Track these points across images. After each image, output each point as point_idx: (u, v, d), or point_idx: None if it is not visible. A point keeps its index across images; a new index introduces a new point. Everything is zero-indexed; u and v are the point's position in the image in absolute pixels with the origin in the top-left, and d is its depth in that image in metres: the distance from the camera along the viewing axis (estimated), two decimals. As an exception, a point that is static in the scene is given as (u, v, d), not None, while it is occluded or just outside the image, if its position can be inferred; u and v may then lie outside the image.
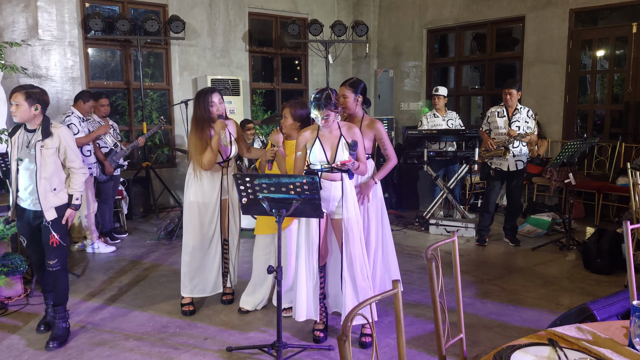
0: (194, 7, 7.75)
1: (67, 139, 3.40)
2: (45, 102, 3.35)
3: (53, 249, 3.39)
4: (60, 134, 3.35)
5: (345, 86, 3.67)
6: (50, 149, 3.32)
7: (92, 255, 5.42)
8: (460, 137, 6.37)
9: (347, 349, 1.40)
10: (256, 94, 8.69)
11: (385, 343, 3.37)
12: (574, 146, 5.30)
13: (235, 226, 4.04)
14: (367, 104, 3.75)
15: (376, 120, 3.67)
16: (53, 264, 3.40)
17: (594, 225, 6.33)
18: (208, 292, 3.96)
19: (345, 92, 3.63)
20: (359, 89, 3.65)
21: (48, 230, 3.35)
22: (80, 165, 3.47)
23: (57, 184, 3.39)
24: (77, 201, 3.45)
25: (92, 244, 5.50)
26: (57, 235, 3.37)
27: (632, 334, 1.67)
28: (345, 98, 3.61)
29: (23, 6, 6.40)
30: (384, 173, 3.67)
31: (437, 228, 6.22)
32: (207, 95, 3.72)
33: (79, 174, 3.46)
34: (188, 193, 3.85)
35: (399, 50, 9.03)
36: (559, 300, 4.12)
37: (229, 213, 3.97)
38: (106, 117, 5.94)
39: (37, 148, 3.28)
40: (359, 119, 3.67)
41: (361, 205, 3.53)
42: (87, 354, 3.27)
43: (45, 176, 3.31)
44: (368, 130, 3.62)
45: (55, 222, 3.37)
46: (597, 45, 7.06)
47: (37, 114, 3.29)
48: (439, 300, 1.95)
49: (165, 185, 7.34)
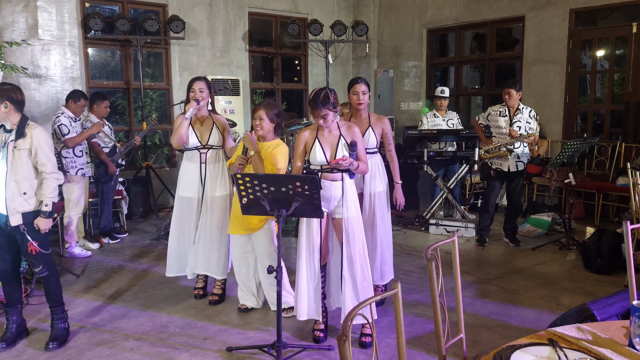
0: (194, 7, 7.75)
1: (40, 141, 3.20)
2: (16, 99, 3.18)
3: (35, 257, 3.27)
4: (34, 134, 3.18)
5: (362, 83, 3.87)
6: (22, 150, 3.16)
7: (91, 256, 5.41)
8: (460, 137, 6.36)
9: (347, 348, 1.40)
10: (256, 94, 8.69)
11: (385, 343, 3.37)
12: (574, 146, 5.30)
13: (211, 223, 4.02)
14: None
15: (384, 116, 3.99)
16: (39, 271, 3.31)
17: (594, 225, 6.32)
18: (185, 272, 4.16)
19: (364, 89, 3.85)
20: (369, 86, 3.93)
21: (25, 238, 3.21)
22: (52, 170, 3.25)
23: (28, 188, 3.20)
24: (47, 207, 3.22)
25: (70, 246, 5.34)
26: (36, 242, 3.23)
27: (632, 334, 1.67)
28: (364, 94, 3.84)
29: (23, 6, 6.40)
30: (398, 171, 3.99)
31: (437, 228, 6.22)
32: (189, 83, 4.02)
33: (51, 179, 3.24)
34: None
35: (399, 50, 9.03)
36: (559, 300, 4.11)
37: (205, 209, 4.01)
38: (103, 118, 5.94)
39: (9, 148, 3.15)
40: (366, 115, 3.90)
41: (399, 209, 4.00)
42: (86, 354, 3.26)
43: (15, 178, 3.15)
44: (378, 123, 3.87)
45: (32, 230, 3.22)
46: (597, 45, 7.05)
47: (7, 111, 3.15)
48: (439, 300, 1.95)
49: (165, 185, 7.34)
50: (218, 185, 4.03)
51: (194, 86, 3.95)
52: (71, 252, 5.33)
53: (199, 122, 4.01)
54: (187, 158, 4.05)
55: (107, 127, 5.92)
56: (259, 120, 3.59)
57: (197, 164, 4.00)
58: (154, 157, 7.94)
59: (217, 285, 4.15)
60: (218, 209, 4.02)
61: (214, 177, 4.02)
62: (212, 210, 4.02)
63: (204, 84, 3.98)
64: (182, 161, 4.11)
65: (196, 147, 3.98)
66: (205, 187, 4.00)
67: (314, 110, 3.17)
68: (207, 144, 3.98)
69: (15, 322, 3.42)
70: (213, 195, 4.01)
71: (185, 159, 4.07)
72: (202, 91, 3.94)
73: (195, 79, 4.03)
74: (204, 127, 4.00)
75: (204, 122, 4.01)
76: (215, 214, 4.02)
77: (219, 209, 4.03)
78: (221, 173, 4.05)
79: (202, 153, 3.99)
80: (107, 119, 6.14)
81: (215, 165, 4.03)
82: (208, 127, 4.00)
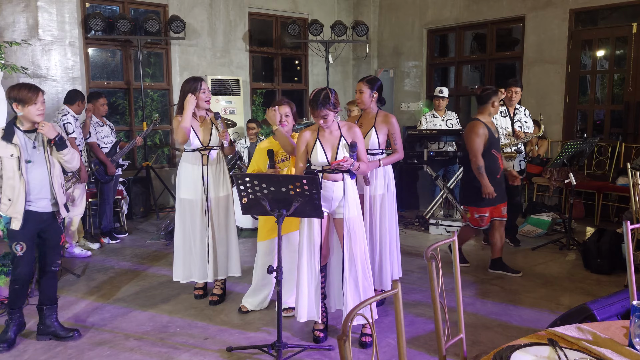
0: (194, 7, 7.76)
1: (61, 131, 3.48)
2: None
3: (59, 249, 3.47)
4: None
5: (362, 82, 3.84)
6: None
7: (91, 256, 5.42)
8: (460, 137, 6.36)
9: (347, 348, 1.40)
10: (256, 94, 8.70)
11: (385, 343, 3.38)
12: (574, 146, 5.30)
13: (219, 224, 4.03)
14: (382, 103, 3.92)
15: (391, 115, 3.86)
16: (56, 265, 3.47)
17: (594, 225, 6.32)
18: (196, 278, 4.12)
19: (362, 88, 3.81)
20: (375, 86, 3.83)
21: (60, 229, 3.43)
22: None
23: (62, 179, 3.47)
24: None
25: (70, 246, 5.33)
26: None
27: (632, 334, 1.68)
28: (362, 93, 3.80)
29: (23, 6, 6.40)
30: (390, 161, 3.82)
31: (437, 228, 6.22)
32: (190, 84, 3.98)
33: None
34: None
35: (399, 50, 9.03)
36: (559, 300, 4.12)
37: (211, 211, 3.99)
38: (104, 117, 5.95)
39: (44, 146, 3.29)
40: (373, 114, 3.83)
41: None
42: (87, 354, 3.27)
43: (55, 173, 3.37)
44: (383, 124, 3.79)
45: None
46: (597, 45, 7.06)
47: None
48: (439, 300, 1.96)
49: (165, 185, 7.35)
50: (220, 186, 4.03)
51: (203, 86, 3.94)
52: (71, 252, 5.33)
53: (199, 122, 3.99)
54: (187, 160, 3.99)
55: (107, 127, 5.93)
56: (285, 117, 3.71)
57: (199, 165, 3.96)
58: (154, 157, 7.94)
59: (217, 285, 4.16)
60: (224, 209, 4.04)
61: (216, 178, 4.01)
62: (219, 211, 4.02)
63: (205, 84, 4.01)
64: (181, 162, 4.05)
65: (197, 148, 3.95)
66: (208, 189, 3.97)
67: (314, 110, 3.18)
68: (209, 144, 3.97)
69: (17, 320, 3.43)
70: (217, 196, 4.00)
71: (185, 161, 4.01)
72: (204, 92, 3.96)
73: (198, 79, 3.98)
74: (204, 128, 3.98)
75: (203, 123, 4.00)
76: (222, 214, 4.03)
77: (224, 208, 4.04)
78: (223, 173, 4.05)
79: (204, 155, 3.96)
80: (107, 118, 6.15)
81: (217, 166, 4.02)
82: (208, 127, 3.99)
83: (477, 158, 4.47)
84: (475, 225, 4.70)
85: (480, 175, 4.46)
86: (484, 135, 4.48)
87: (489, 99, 4.53)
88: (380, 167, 3.77)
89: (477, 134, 4.47)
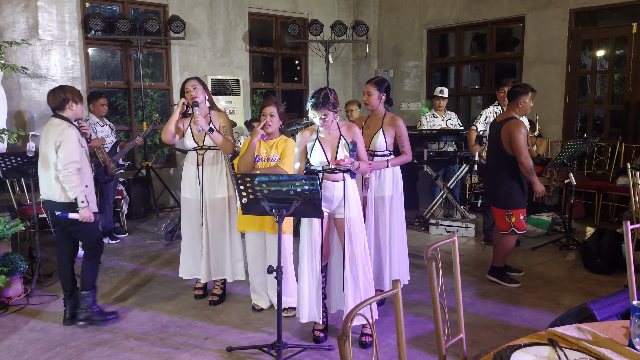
0: (194, 7, 7.76)
1: None
2: None
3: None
4: None
5: (370, 84, 3.84)
6: None
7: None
8: (460, 137, 6.36)
9: (347, 348, 1.40)
10: (256, 94, 8.70)
11: (385, 343, 3.38)
12: (574, 146, 5.30)
13: (213, 225, 4.00)
14: (390, 104, 3.92)
15: (398, 118, 3.85)
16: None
17: (594, 225, 6.32)
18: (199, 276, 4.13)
19: (370, 89, 3.81)
20: (383, 88, 3.83)
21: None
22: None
23: None
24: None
25: None
26: None
27: (632, 334, 1.68)
28: (370, 95, 3.81)
29: (23, 6, 6.40)
30: (398, 162, 3.82)
31: (437, 228, 6.22)
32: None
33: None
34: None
35: (399, 50, 9.03)
36: (559, 300, 4.12)
37: (207, 212, 3.98)
38: (104, 117, 5.95)
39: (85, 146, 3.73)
40: (380, 116, 3.84)
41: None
42: (87, 354, 3.27)
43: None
44: (389, 127, 3.79)
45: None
46: (597, 46, 7.06)
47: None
48: (439, 300, 1.96)
49: (166, 185, 7.35)
50: (217, 187, 3.94)
51: (187, 85, 3.92)
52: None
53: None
54: (187, 159, 4.03)
55: (107, 127, 5.93)
56: (270, 117, 3.62)
57: (195, 165, 3.95)
58: (154, 157, 7.94)
59: (217, 286, 4.15)
60: (220, 211, 3.98)
61: (212, 179, 3.94)
62: (214, 212, 3.96)
63: (196, 81, 3.94)
64: (184, 162, 4.10)
65: (194, 148, 3.94)
66: (203, 190, 3.94)
67: (314, 110, 3.18)
68: (204, 144, 3.92)
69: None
70: (212, 198, 3.95)
71: (186, 160, 4.06)
72: (196, 88, 3.89)
73: (186, 79, 3.98)
74: None
75: None
76: (218, 216, 3.97)
77: (221, 210, 3.98)
78: (219, 175, 3.96)
79: (200, 154, 3.93)
80: (107, 118, 6.15)
81: (214, 167, 3.95)
82: None
83: (528, 159, 4.14)
84: (521, 229, 4.31)
85: (531, 174, 4.18)
86: (526, 133, 4.16)
87: (517, 97, 4.32)
88: (389, 167, 3.77)
89: (522, 132, 4.11)
